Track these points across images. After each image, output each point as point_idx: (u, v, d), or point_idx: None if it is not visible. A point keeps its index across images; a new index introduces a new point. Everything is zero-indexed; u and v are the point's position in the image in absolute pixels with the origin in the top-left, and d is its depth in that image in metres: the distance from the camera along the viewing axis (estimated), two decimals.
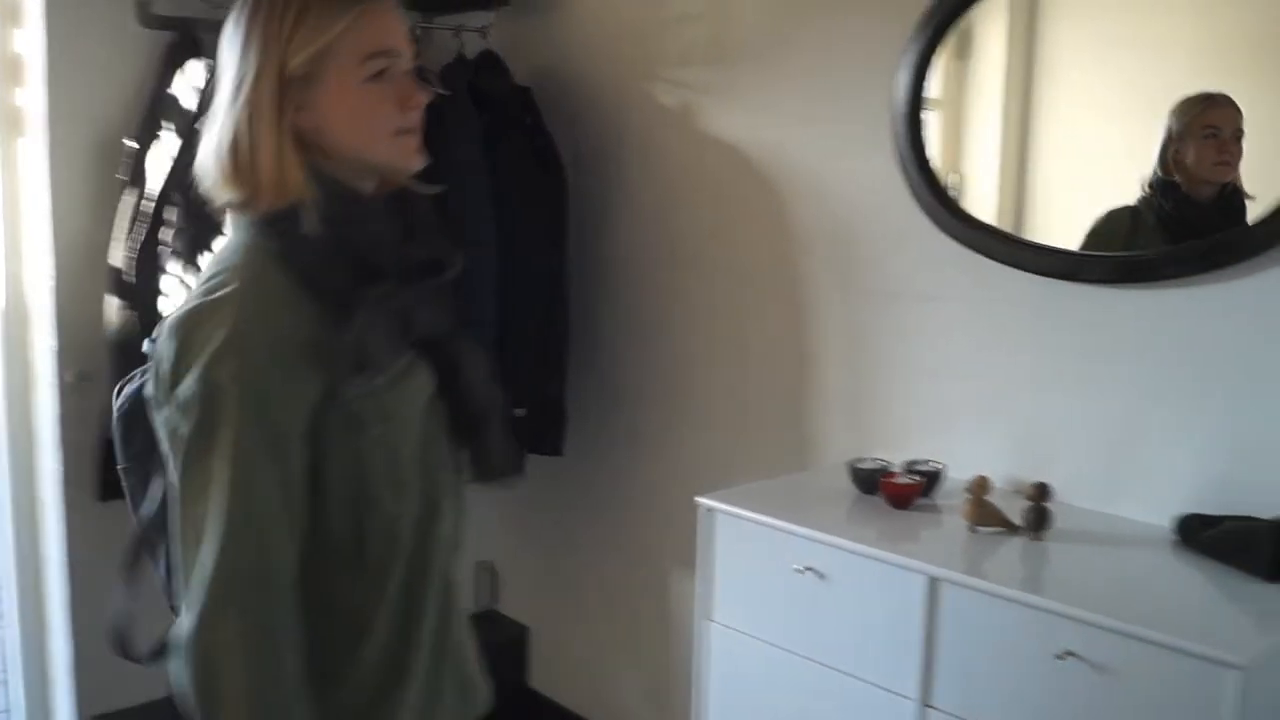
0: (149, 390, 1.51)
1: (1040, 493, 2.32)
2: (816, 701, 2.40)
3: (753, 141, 3.13)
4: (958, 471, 2.59)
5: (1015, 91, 2.63)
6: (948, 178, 2.72)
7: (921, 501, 2.55)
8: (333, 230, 1.49)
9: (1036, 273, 2.56)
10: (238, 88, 1.47)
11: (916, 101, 2.71)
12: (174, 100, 3.10)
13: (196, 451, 1.42)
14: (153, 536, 1.66)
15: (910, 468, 2.63)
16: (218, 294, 1.45)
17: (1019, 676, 2.08)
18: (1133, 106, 2.46)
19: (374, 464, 1.52)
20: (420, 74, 1.55)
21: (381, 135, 1.53)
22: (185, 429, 1.42)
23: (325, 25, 1.46)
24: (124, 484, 1.72)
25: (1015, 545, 2.32)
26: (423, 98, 1.54)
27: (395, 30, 1.53)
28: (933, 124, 2.75)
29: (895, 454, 2.78)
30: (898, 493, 2.52)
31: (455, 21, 3.42)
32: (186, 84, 3.09)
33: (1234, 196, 2.34)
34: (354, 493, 1.52)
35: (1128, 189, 2.46)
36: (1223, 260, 2.30)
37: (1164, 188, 2.42)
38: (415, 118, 1.55)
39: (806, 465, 3.07)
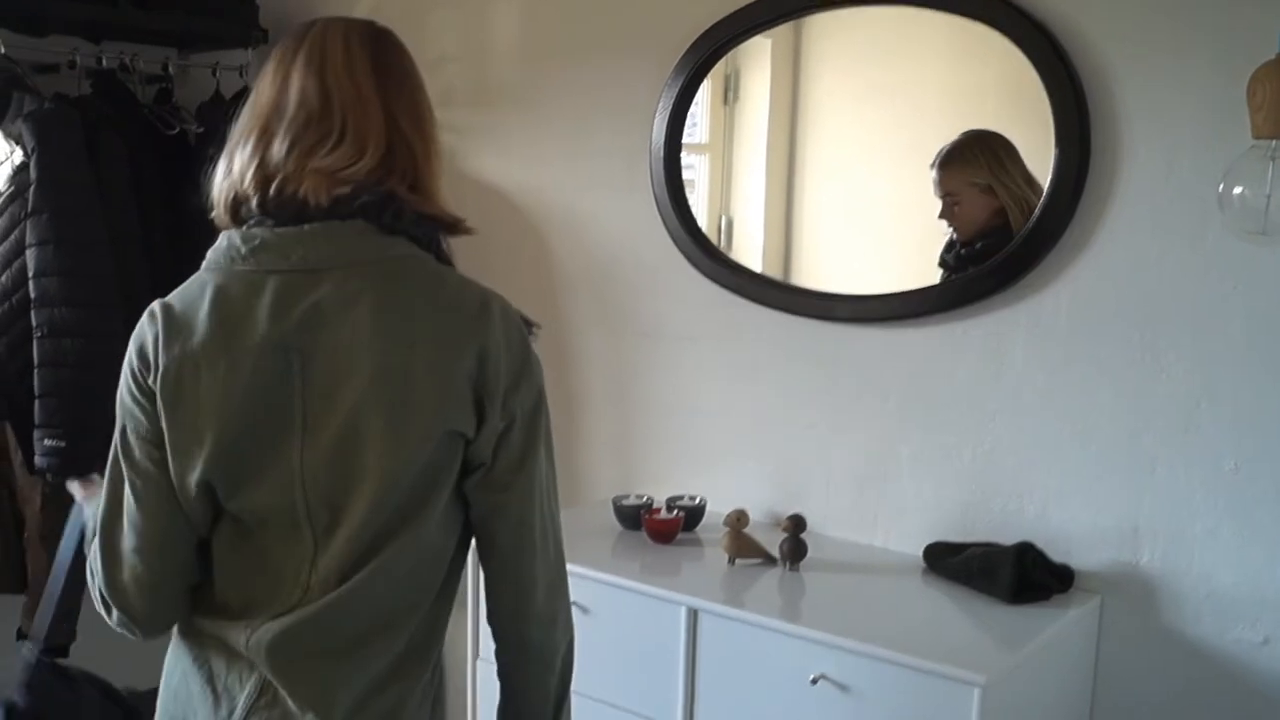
0: (453, 422, 1.48)
1: (796, 525, 2.39)
2: None
3: (515, 183, 3.15)
4: (719, 506, 2.63)
5: (780, 136, 2.72)
6: (720, 220, 2.79)
7: (683, 536, 2.59)
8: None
9: (791, 312, 2.65)
10: (423, 117, 1.61)
11: (675, 144, 2.76)
12: None
13: (551, 455, 1.61)
14: None
15: (672, 503, 2.67)
16: (499, 305, 1.52)
17: (776, 701, 2.13)
18: (891, 151, 2.58)
19: None
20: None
21: None
22: (539, 425, 1.56)
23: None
24: None
25: (773, 576, 2.38)
26: None
27: None
28: (703, 167, 2.81)
29: (659, 490, 2.82)
30: (659, 528, 2.55)
31: (213, 59, 3.34)
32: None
33: (1001, 240, 2.40)
34: None
35: (888, 230, 2.59)
36: (952, 302, 2.43)
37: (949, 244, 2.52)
38: None
39: (574, 502, 3.08)
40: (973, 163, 2.46)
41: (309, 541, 1.48)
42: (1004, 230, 2.39)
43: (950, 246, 2.49)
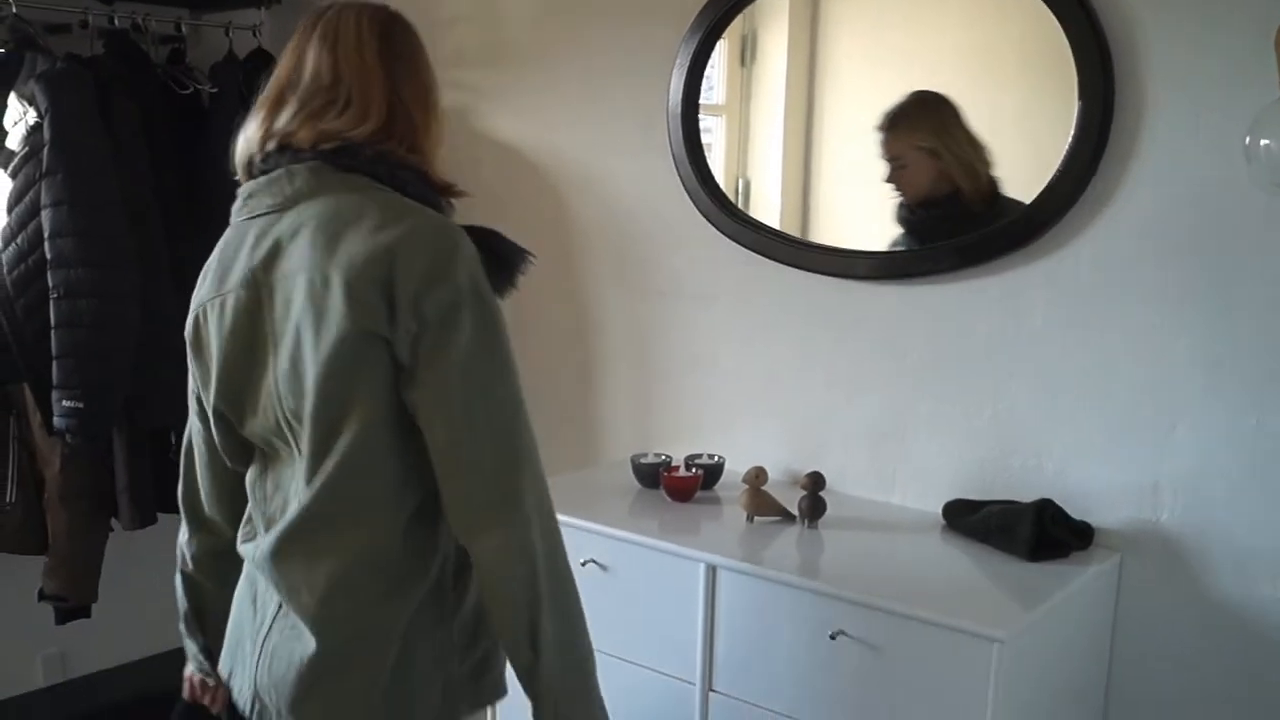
0: (348, 324, 1.54)
1: (814, 482, 2.39)
2: (603, 690, 2.40)
3: (531, 143, 3.13)
4: (738, 464, 2.64)
5: (797, 98, 2.70)
6: (738, 181, 2.78)
7: (702, 494, 2.59)
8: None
9: (809, 270, 2.63)
10: (426, 92, 1.78)
11: (692, 103, 2.75)
12: (2, 134, 2.91)
13: (485, 348, 1.60)
14: None
15: (691, 461, 2.67)
16: (422, 217, 1.61)
17: (795, 657, 2.13)
18: None
19: None
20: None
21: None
22: (459, 323, 1.56)
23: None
24: None
25: (791, 533, 2.38)
26: None
27: None
28: (720, 129, 2.79)
29: (678, 448, 2.82)
30: (678, 486, 2.55)
31: (225, 19, 3.32)
32: (10, 119, 2.90)
33: (948, 205, 2.44)
34: None
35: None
36: (971, 259, 2.41)
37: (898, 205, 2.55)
38: None
39: (593, 461, 3.09)
40: (918, 126, 2.47)
41: (297, 457, 1.63)
42: (952, 195, 2.42)
43: (907, 221, 2.52)
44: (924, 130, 2.46)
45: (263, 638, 1.69)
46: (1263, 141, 1.95)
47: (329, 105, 1.64)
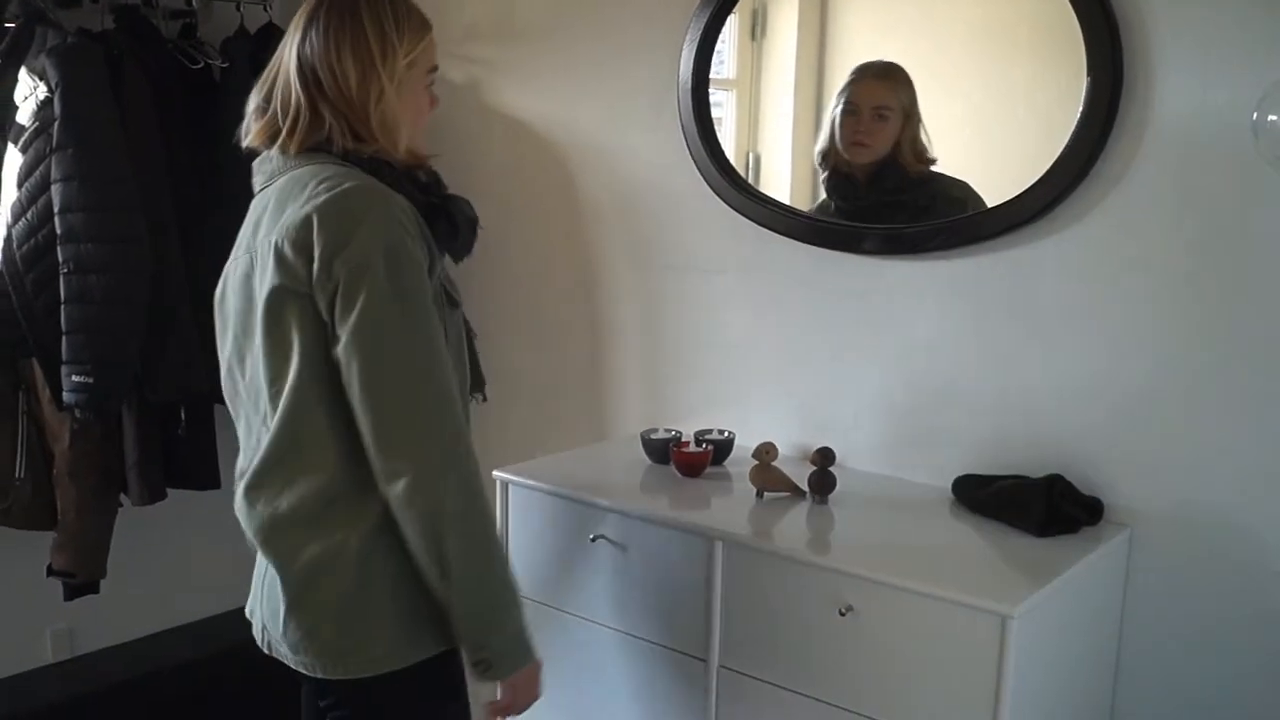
0: (276, 279, 1.76)
1: (824, 458, 2.38)
2: (613, 667, 2.42)
3: (542, 116, 3.13)
4: (748, 439, 2.63)
5: (807, 72, 2.68)
6: (748, 156, 2.77)
7: (712, 470, 2.59)
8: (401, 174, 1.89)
9: (818, 245, 2.63)
10: (380, 59, 1.83)
11: (702, 78, 2.74)
12: (13, 109, 2.89)
13: (394, 304, 1.72)
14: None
15: (701, 437, 2.67)
16: (346, 185, 1.75)
17: (805, 633, 2.13)
18: (918, 89, 2.53)
19: (450, 334, 1.89)
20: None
21: (421, 126, 1.97)
22: (368, 283, 1.70)
23: (418, 38, 1.89)
24: None
25: (801, 509, 2.38)
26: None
27: (435, 54, 1.95)
28: (730, 103, 2.79)
29: (688, 424, 2.82)
30: (688, 461, 2.55)
31: None
32: (20, 94, 2.89)
33: (890, 175, 2.47)
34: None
35: None
36: (982, 234, 2.40)
37: (823, 158, 2.59)
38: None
39: (605, 436, 3.09)
40: (907, 85, 2.46)
41: (266, 410, 1.84)
42: (895, 163, 2.47)
43: (824, 158, 2.57)
44: (910, 91, 2.45)
45: (260, 576, 1.94)
46: (1270, 117, 1.95)
47: (269, 105, 1.87)
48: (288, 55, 1.85)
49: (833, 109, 2.55)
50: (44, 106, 2.82)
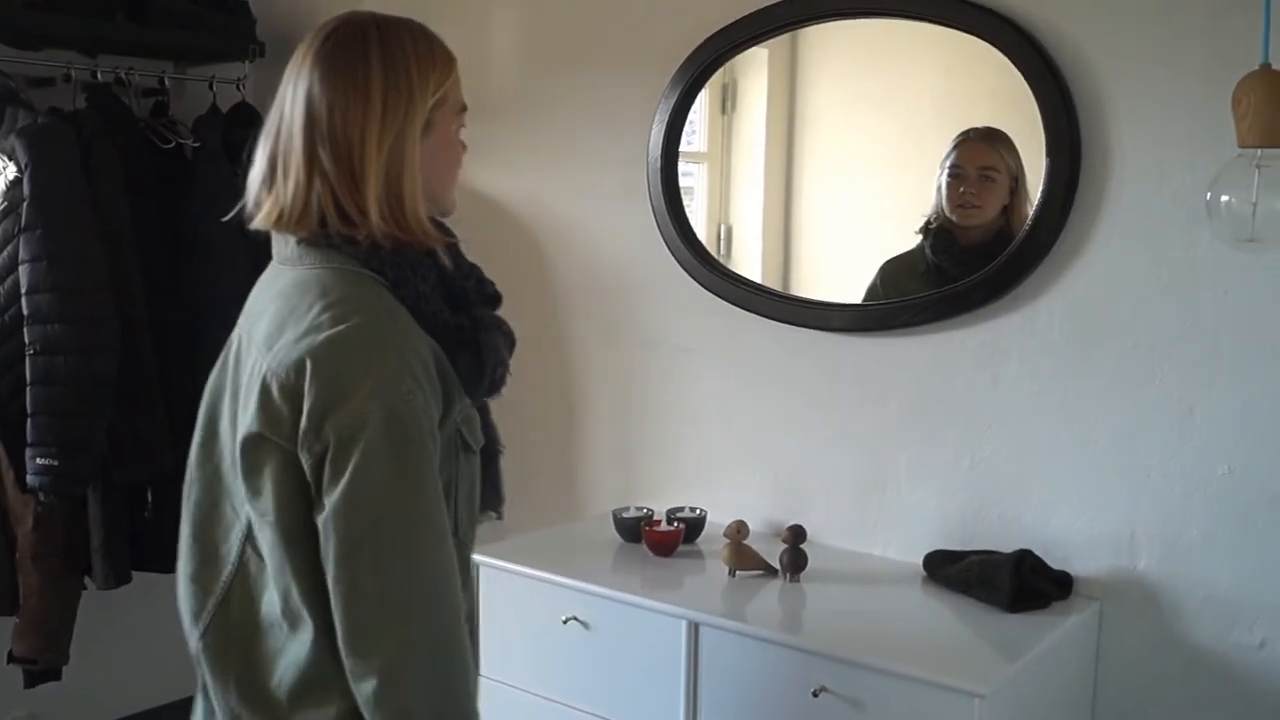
0: (256, 425, 1.46)
1: (795, 535, 2.39)
2: None
3: (513, 195, 3.15)
4: (720, 516, 2.63)
5: (777, 145, 2.73)
6: (719, 228, 2.80)
7: (684, 548, 2.59)
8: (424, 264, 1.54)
9: (788, 323, 2.65)
10: (381, 124, 1.47)
11: (672, 154, 2.77)
12: None
13: (387, 475, 1.42)
14: None
15: (673, 515, 2.67)
16: (353, 321, 1.44)
17: (779, 714, 2.12)
18: (884, 162, 2.59)
19: (462, 487, 1.60)
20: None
21: (455, 180, 1.64)
22: (368, 462, 1.41)
23: (444, 74, 1.55)
24: None
25: (773, 587, 2.37)
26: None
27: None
28: (702, 176, 2.83)
29: (660, 501, 2.82)
30: (660, 540, 2.55)
31: (209, 72, 3.33)
32: None
33: (1005, 239, 2.37)
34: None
35: (879, 242, 2.59)
36: (947, 311, 2.43)
37: (934, 231, 2.47)
38: None
39: (577, 514, 3.08)
40: (1012, 150, 2.38)
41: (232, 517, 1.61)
42: (1004, 231, 2.38)
43: (937, 233, 2.45)
44: (1016, 156, 2.37)
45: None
46: (1223, 198, 1.98)
47: (271, 175, 1.53)
48: (290, 108, 1.52)
49: (938, 178, 2.44)
50: (13, 186, 2.82)
